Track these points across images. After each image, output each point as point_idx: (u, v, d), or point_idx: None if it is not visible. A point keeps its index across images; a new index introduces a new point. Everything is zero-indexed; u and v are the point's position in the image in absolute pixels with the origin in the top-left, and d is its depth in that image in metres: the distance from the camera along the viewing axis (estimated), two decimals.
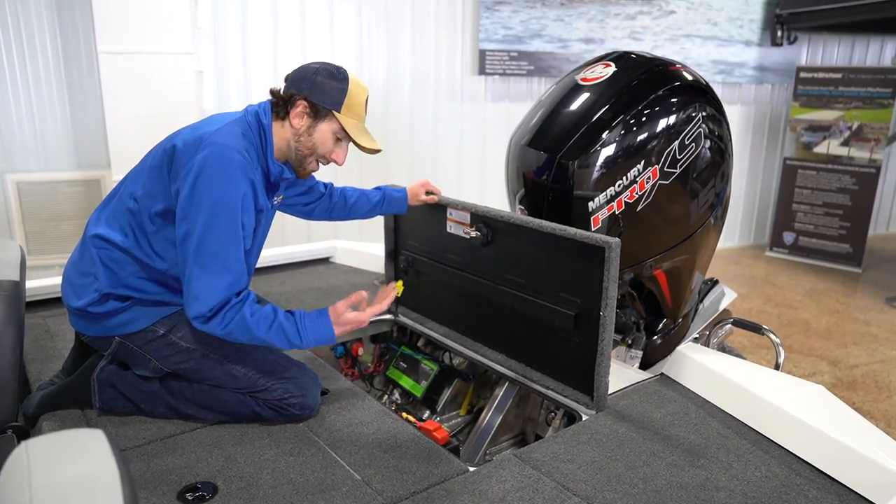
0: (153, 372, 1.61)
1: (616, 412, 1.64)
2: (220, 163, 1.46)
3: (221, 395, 1.60)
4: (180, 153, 1.50)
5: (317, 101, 1.60)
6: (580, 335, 1.68)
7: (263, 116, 1.62)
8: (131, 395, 1.59)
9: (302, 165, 1.67)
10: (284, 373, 1.61)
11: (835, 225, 6.07)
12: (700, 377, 1.75)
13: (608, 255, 1.56)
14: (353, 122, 1.64)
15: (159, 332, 1.59)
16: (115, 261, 1.56)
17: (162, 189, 1.52)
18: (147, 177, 1.56)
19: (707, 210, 2.03)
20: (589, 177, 1.85)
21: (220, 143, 1.48)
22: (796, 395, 1.58)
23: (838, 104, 5.99)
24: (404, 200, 2.15)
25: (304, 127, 1.62)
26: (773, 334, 2.02)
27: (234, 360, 1.60)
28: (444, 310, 2.18)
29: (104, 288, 1.55)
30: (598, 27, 5.49)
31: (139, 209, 1.55)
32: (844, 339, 4.45)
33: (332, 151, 1.66)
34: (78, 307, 1.58)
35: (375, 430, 1.54)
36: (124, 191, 1.61)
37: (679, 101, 1.91)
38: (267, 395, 1.57)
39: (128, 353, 1.61)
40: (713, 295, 2.58)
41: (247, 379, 1.59)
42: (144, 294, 1.57)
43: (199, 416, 1.60)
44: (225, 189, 1.46)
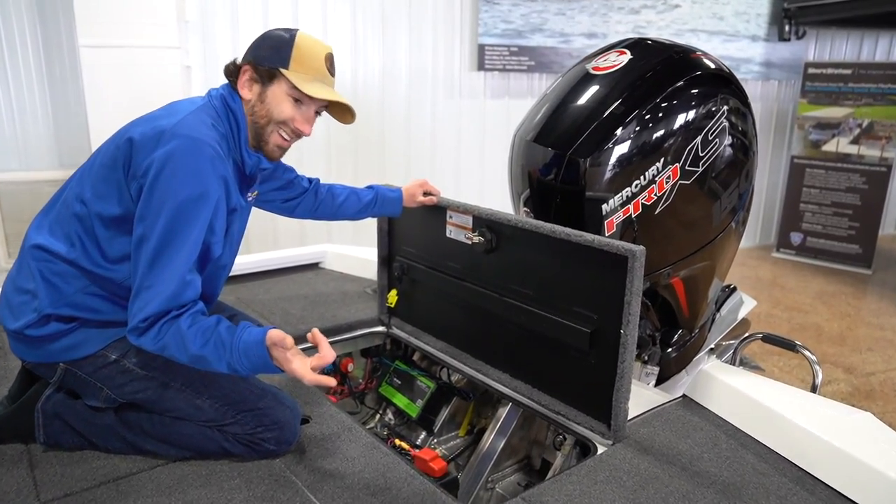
0: (106, 402, 1.41)
1: (636, 443, 1.45)
2: (187, 158, 1.27)
3: (185, 429, 1.40)
4: (139, 147, 1.30)
5: (261, 63, 1.42)
6: (597, 355, 1.49)
7: (231, 100, 1.44)
8: (82, 429, 1.40)
9: (263, 139, 1.46)
10: (258, 403, 1.42)
11: (844, 225, 5.91)
12: (729, 401, 1.57)
13: (632, 266, 1.37)
14: (306, 76, 1.43)
15: (111, 357, 1.39)
16: (58, 275, 1.36)
17: (116, 190, 1.33)
18: (97, 176, 1.36)
19: (729, 213, 1.85)
20: (602, 176, 1.67)
21: (187, 136, 1.29)
22: (843, 424, 1.40)
23: (848, 101, 5.81)
24: (399, 201, 1.97)
25: (255, 95, 1.43)
26: (808, 351, 1.83)
27: (198, 390, 1.40)
28: (442, 322, 1.99)
29: (45, 307, 1.35)
30: (601, 21, 5.32)
31: (88, 213, 1.35)
32: (858, 344, 4.28)
33: (292, 118, 1.45)
34: (15, 329, 1.37)
35: (362, 468, 1.35)
36: (70, 193, 1.40)
37: (701, 92, 1.73)
38: (237, 429, 1.38)
39: (76, 381, 1.41)
40: (731, 303, 2.41)
41: (213, 411, 1.39)
42: (93, 313, 1.37)
43: (161, 452, 1.40)
44: (191, 189, 1.27)
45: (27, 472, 1.30)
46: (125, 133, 1.35)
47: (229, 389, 1.41)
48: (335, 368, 2.13)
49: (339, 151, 4.79)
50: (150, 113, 1.40)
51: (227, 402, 1.40)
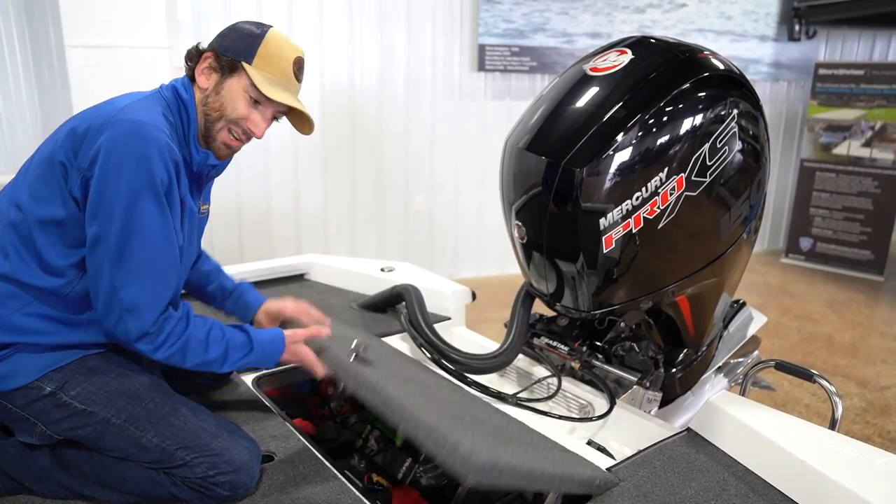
0: (40, 439, 1.27)
1: (635, 486, 1.30)
2: (133, 144, 1.17)
3: (129, 472, 1.26)
4: (80, 138, 1.19)
5: (224, 52, 1.33)
6: None
7: (183, 91, 1.33)
8: (12, 471, 1.26)
9: (211, 134, 1.35)
10: (211, 443, 1.27)
11: (855, 230, 5.74)
12: (739, 439, 1.42)
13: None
14: (269, 76, 1.34)
15: (46, 389, 1.24)
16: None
17: (57, 188, 1.20)
18: (34, 176, 1.24)
19: (740, 225, 1.71)
20: (600, 187, 1.52)
21: (131, 120, 1.19)
22: (869, 469, 1.25)
23: (860, 103, 5.65)
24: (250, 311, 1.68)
25: (212, 85, 1.34)
26: (825, 381, 1.68)
27: (143, 427, 1.26)
28: None
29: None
30: (605, 21, 5.18)
31: (24, 220, 1.22)
32: (872, 355, 4.12)
33: (245, 117, 1.35)
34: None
35: None
36: (3, 201, 1.28)
37: (709, 95, 1.59)
38: (186, 472, 1.24)
39: (6, 414, 1.27)
40: (739, 319, 2.27)
41: (160, 451, 1.25)
42: (30, 336, 1.23)
43: (102, 497, 1.26)
44: (143, 174, 1.17)
45: None
46: (64, 127, 1.24)
47: (179, 427, 1.27)
48: (315, 390, 1.99)
49: (336, 154, 4.67)
50: (94, 106, 1.28)
51: (177, 442, 1.26)
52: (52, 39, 3.87)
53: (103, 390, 1.26)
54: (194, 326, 1.28)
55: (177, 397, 1.34)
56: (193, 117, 1.34)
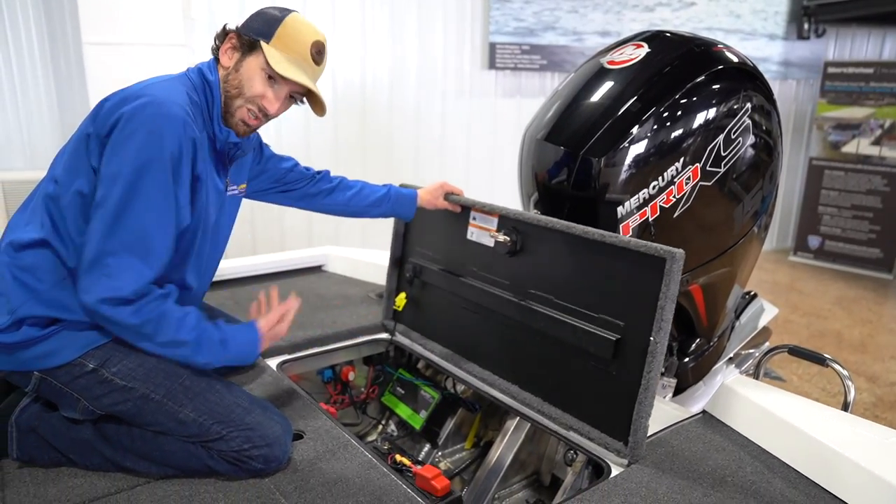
0: (83, 414, 1.33)
1: (653, 464, 1.35)
2: (150, 117, 1.21)
3: (167, 445, 1.31)
4: (106, 111, 1.24)
5: (245, 32, 1.38)
6: (619, 365, 1.39)
7: (209, 72, 1.38)
8: (58, 444, 1.31)
9: (230, 111, 1.39)
10: (245, 417, 1.32)
11: (864, 228, 5.74)
12: (754, 420, 1.46)
13: (669, 269, 1.28)
14: (283, 55, 1.37)
15: (88, 366, 1.30)
16: (27, 269, 1.27)
17: (84, 161, 1.25)
18: (69, 151, 1.29)
19: (752, 217, 1.75)
20: (617, 177, 1.57)
21: (153, 96, 1.24)
22: (881, 447, 1.28)
23: (869, 101, 5.66)
24: (412, 202, 1.87)
25: (233, 63, 1.38)
26: (838, 365, 1.72)
27: (181, 403, 1.31)
28: (451, 329, 1.89)
29: (18, 309, 1.26)
30: (615, 19, 5.21)
31: (59, 192, 1.26)
32: (881, 352, 4.14)
33: (261, 95, 1.39)
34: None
35: (358, 489, 1.25)
36: (44, 179, 1.34)
37: (723, 87, 1.62)
38: (222, 446, 1.29)
39: (51, 391, 1.32)
40: (751, 310, 2.30)
41: (197, 426, 1.30)
42: (70, 312, 1.28)
43: (141, 469, 1.32)
44: (153, 147, 1.20)
45: None
46: (97, 107, 1.29)
47: (215, 402, 1.32)
48: (336, 376, 2.04)
49: (347, 150, 4.71)
50: (125, 88, 1.32)
51: (213, 417, 1.31)
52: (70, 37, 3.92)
53: (142, 367, 1.30)
54: (172, 304, 1.27)
55: (211, 375, 1.39)
56: (218, 97, 1.38)
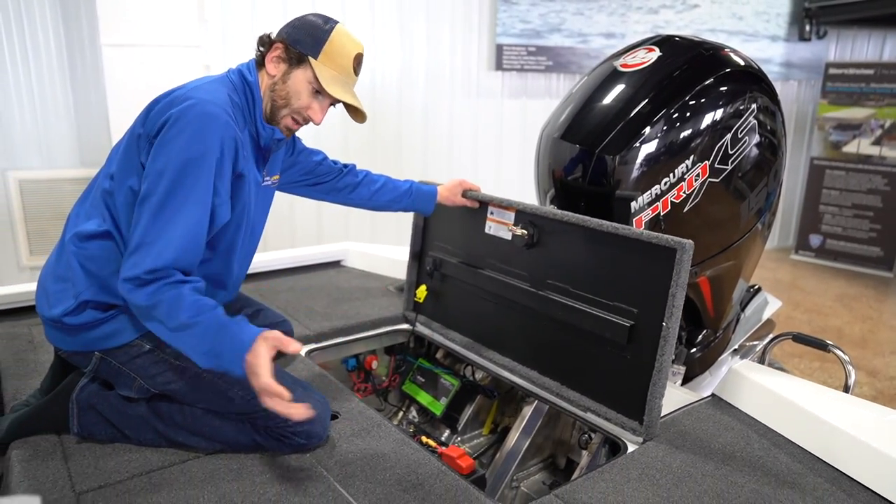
0: (138, 392, 1.42)
1: (667, 441, 1.44)
2: (195, 118, 1.29)
3: (217, 422, 1.40)
4: (156, 112, 1.33)
5: (293, 45, 1.45)
6: (634, 350, 1.48)
7: (248, 74, 1.47)
8: (114, 420, 1.40)
9: (276, 119, 1.49)
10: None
11: (865, 227, 5.83)
12: (761, 401, 1.55)
13: (680, 258, 1.37)
14: (331, 72, 1.46)
15: (145, 347, 1.40)
16: (92, 258, 1.37)
17: (135, 159, 1.35)
18: (122, 150, 1.39)
19: (756, 212, 1.84)
20: (630, 174, 1.66)
21: (199, 98, 1.32)
22: (878, 424, 1.38)
23: (870, 101, 5.75)
24: (432, 197, 1.96)
25: (280, 74, 1.47)
26: (839, 351, 1.81)
27: (229, 381, 1.40)
28: (471, 319, 1.98)
29: (82, 293, 1.37)
30: (620, 21, 5.29)
31: (114, 188, 1.36)
32: (881, 347, 4.23)
33: (307, 106, 1.48)
34: (52, 317, 1.39)
35: (393, 463, 1.34)
36: (101, 175, 1.44)
37: (731, 89, 1.71)
38: (268, 421, 1.38)
39: (109, 370, 1.42)
40: (756, 303, 2.39)
41: (244, 402, 1.39)
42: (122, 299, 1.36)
43: (192, 444, 1.41)
44: (198, 147, 1.28)
45: (62, 463, 1.31)
46: (147, 108, 1.39)
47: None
48: (359, 365, 2.13)
49: (357, 150, 4.79)
50: (172, 89, 1.42)
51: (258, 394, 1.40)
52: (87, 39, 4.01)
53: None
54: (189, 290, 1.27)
55: None
56: (258, 97, 1.46)
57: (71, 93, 4.02)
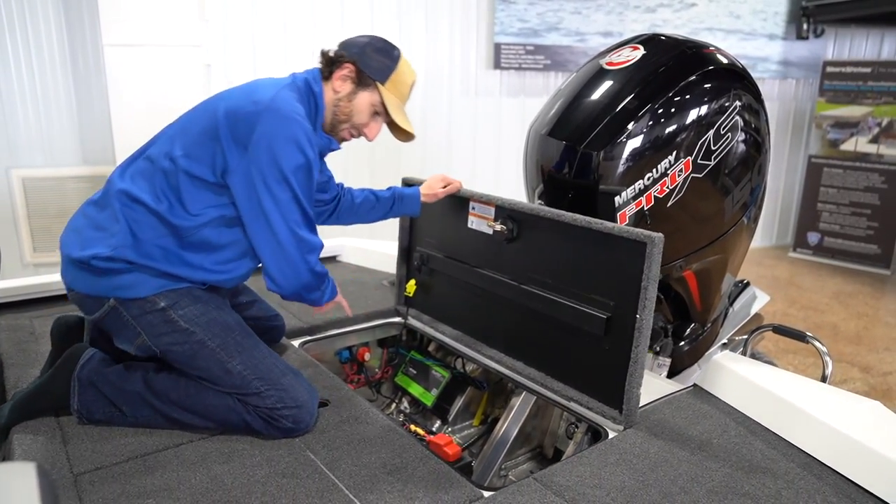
0: (138, 350, 1.48)
1: (647, 429, 1.48)
2: (290, 128, 1.41)
3: (210, 399, 1.46)
4: (240, 121, 1.42)
5: (363, 69, 1.58)
6: (611, 341, 1.52)
7: (314, 84, 1.57)
8: (112, 396, 1.46)
9: (335, 131, 1.63)
10: (281, 378, 1.47)
11: (862, 225, 5.85)
12: (739, 390, 1.59)
13: (650, 252, 1.41)
14: (395, 100, 1.61)
15: (160, 304, 1.45)
16: (138, 222, 1.44)
17: (210, 157, 1.43)
18: (193, 141, 1.46)
19: (741, 207, 1.87)
20: (615, 169, 1.70)
21: (284, 108, 1.43)
22: (850, 412, 1.42)
23: (867, 100, 5.76)
24: (417, 199, 2.01)
25: (346, 92, 1.59)
26: (818, 342, 1.85)
27: (231, 354, 1.46)
28: (459, 312, 2.03)
29: (120, 247, 1.42)
30: (617, 20, 5.33)
31: (176, 170, 1.45)
32: (875, 343, 4.25)
33: (366, 124, 1.63)
34: (79, 258, 1.44)
35: (380, 449, 1.39)
36: (156, 151, 1.50)
37: (714, 86, 1.75)
38: (258, 402, 1.43)
39: (118, 321, 1.47)
40: (744, 298, 2.43)
41: (241, 378, 1.45)
42: (152, 261, 1.45)
43: (186, 420, 1.46)
44: (298, 154, 1.42)
45: (61, 447, 1.36)
46: (220, 106, 1.46)
47: (259, 360, 1.48)
48: (352, 357, 2.18)
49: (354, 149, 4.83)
50: (239, 88, 1.52)
51: (255, 372, 1.46)
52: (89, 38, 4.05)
53: (205, 316, 1.46)
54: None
55: (257, 337, 1.55)
56: (322, 107, 1.57)
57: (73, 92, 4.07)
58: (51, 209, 3.97)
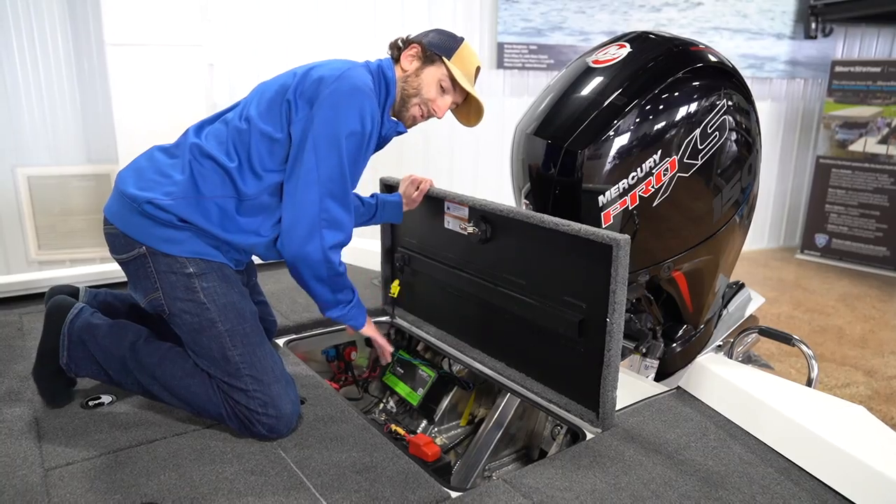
0: (149, 305, 1.49)
1: (624, 431, 1.46)
2: (355, 96, 1.47)
3: (194, 387, 1.46)
4: (309, 84, 1.48)
5: (429, 46, 1.65)
6: (585, 343, 1.50)
7: (388, 70, 1.65)
8: (100, 358, 1.48)
9: (405, 107, 1.68)
10: (272, 385, 1.46)
11: (871, 227, 5.78)
12: (721, 393, 1.56)
13: (616, 255, 1.38)
14: (461, 73, 1.66)
15: (189, 268, 1.46)
16: (204, 177, 1.47)
17: (279, 116, 1.49)
18: (266, 101, 1.52)
19: (732, 207, 1.84)
20: (600, 168, 1.68)
21: (354, 78, 1.49)
22: (833, 417, 1.39)
23: (876, 100, 5.69)
24: (399, 207, 2.00)
25: (414, 69, 1.66)
26: (804, 345, 1.82)
27: (235, 343, 1.46)
28: (442, 312, 2.02)
29: (178, 195, 1.44)
30: (622, 19, 5.29)
31: (248, 129, 1.49)
32: (881, 347, 4.19)
33: (434, 100, 1.68)
34: (133, 195, 1.45)
35: (351, 448, 1.38)
36: (233, 115, 1.56)
37: (701, 84, 1.73)
38: (242, 399, 1.43)
39: (141, 269, 1.48)
40: (738, 299, 2.39)
41: (235, 368, 1.45)
42: (207, 222, 1.46)
43: (162, 397, 1.48)
44: (357, 122, 1.46)
45: (34, 442, 1.36)
46: (296, 71, 1.53)
47: (259, 357, 1.48)
48: (338, 355, 2.17)
49: None
50: (320, 63, 1.57)
51: (251, 368, 1.46)
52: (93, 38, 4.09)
53: (225, 297, 1.47)
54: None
55: (264, 334, 1.56)
56: (393, 92, 1.64)
57: (77, 91, 4.10)
58: (55, 207, 4.01)
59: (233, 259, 1.56)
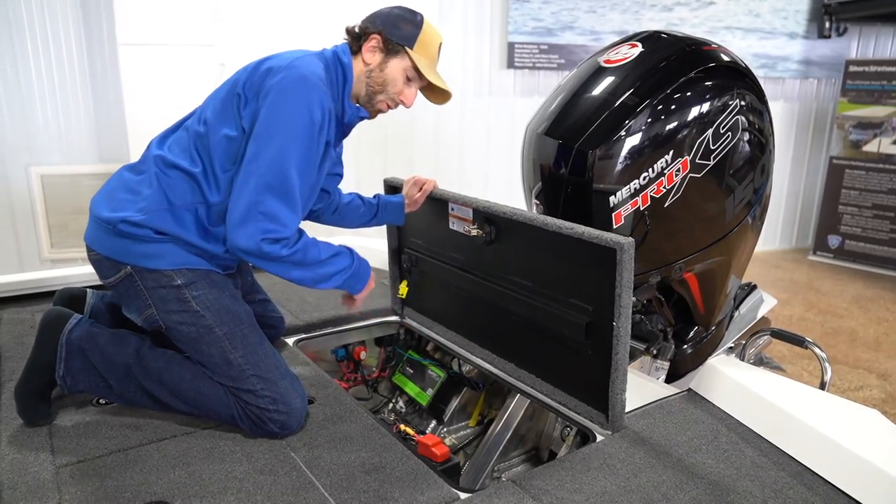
0: (145, 322, 1.48)
1: (635, 433, 1.45)
2: (300, 86, 1.42)
3: (203, 388, 1.45)
4: (259, 77, 1.45)
5: (390, 37, 1.58)
6: (593, 346, 1.49)
7: (343, 55, 1.59)
8: (101, 368, 1.45)
9: (371, 103, 1.63)
10: (278, 382, 1.46)
11: (885, 228, 5.71)
12: (733, 395, 1.55)
13: (621, 258, 1.36)
14: (425, 61, 1.61)
15: (176, 280, 1.45)
16: (172, 187, 1.46)
17: (233, 112, 1.46)
18: (219, 100, 1.49)
19: (744, 208, 1.83)
20: (611, 168, 1.66)
21: (302, 68, 1.44)
22: (846, 420, 1.37)
23: (891, 100, 5.63)
24: (401, 208, 1.98)
25: (377, 62, 1.60)
26: (817, 348, 1.80)
27: (235, 346, 1.46)
28: (450, 313, 2.01)
29: (150, 209, 1.44)
30: (633, 19, 5.26)
31: (207, 132, 1.47)
32: (895, 350, 4.14)
33: (401, 92, 1.63)
34: (108, 219, 1.45)
35: (360, 448, 1.38)
36: (192, 120, 1.54)
37: (714, 84, 1.71)
38: (251, 399, 1.43)
39: (131, 289, 1.47)
40: (750, 301, 2.37)
41: (239, 370, 1.44)
42: (186, 231, 1.46)
43: (171, 404, 1.46)
44: (303, 113, 1.41)
45: (46, 440, 1.37)
46: (249, 66, 1.51)
47: (261, 357, 1.48)
48: (348, 355, 2.17)
49: (368, 148, 4.85)
50: (273, 55, 1.55)
51: (255, 369, 1.45)
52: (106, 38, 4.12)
53: (218, 302, 1.47)
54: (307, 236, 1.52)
55: (263, 334, 1.55)
56: (350, 78, 1.58)
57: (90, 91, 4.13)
58: (68, 206, 4.04)
59: (218, 265, 1.54)
